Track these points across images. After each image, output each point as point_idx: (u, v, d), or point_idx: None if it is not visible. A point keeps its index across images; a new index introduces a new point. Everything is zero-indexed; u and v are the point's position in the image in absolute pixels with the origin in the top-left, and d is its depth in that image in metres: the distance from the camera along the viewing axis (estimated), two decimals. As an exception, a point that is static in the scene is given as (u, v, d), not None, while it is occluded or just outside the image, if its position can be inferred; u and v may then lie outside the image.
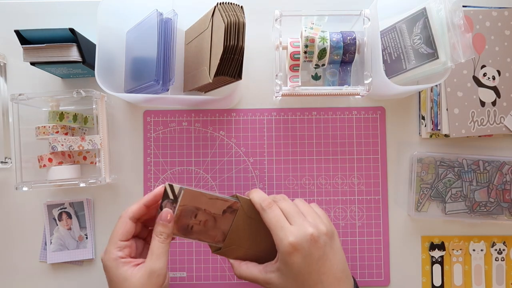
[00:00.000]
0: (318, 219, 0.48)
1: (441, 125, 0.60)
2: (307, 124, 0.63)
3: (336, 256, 0.47)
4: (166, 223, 0.46)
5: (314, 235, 0.46)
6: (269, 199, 0.49)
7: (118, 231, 0.47)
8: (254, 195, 0.50)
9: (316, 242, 0.46)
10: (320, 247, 0.46)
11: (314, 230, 0.46)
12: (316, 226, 0.47)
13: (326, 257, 0.46)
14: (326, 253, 0.46)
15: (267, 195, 0.50)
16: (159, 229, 0.46)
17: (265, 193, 0.51)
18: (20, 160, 0.57)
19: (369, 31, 0.53)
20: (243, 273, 0.50)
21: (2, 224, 0.62)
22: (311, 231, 0.46)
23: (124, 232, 0.47)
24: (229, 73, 0.50)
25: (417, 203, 0.62)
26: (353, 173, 0.63)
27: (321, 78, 0.59)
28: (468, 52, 0.51)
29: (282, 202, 0.49)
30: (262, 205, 0.48)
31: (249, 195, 0.51)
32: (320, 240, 0.46)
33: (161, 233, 0.46)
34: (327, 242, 0.47)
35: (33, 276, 0.62)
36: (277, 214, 0.48)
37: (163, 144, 0.63)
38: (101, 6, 0.54)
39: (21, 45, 0.54)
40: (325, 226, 0.47)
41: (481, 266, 0.63)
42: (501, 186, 0.62)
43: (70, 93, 0.56)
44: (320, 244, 0.46)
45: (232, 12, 0.49)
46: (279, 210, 0.48)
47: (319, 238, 0.46)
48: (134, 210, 0.48)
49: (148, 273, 0.45)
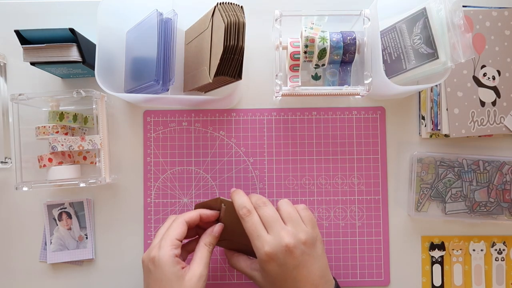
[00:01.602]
0: (299, 226, 0.49)
1: (441, 125, 0.60)
2: (307, 124, 0.63)
3: (314, 263, 0.48)
4: (217, 235, 0.52)
5: (289, 245, 0.46)
6: (247, 206, 0.50)
7: (175, 230, 0.49)
8: (235, 201, 0.51)
9: (292, 253, 0.46)
10: (296, 257, 0.47)
11: (291, 240, 0.47)
12: (294, 235, 0.47)
13: (303, 265, 0.47)
14: (303, 262, 0.47)
15: (247, 200, 0.51)
16: (209, 239, 0.51)
17: (246, 197, 0.51)
18: (20, 160, 0.57)
19: (369, 31, 0.53)
20: (234, 264, 0.54)
21: (2, 224, 0.62)
22: (286, 241, 0.46)
23: (181, 233, 0.49)
24: (229, 73, 0.50)
25: (417, 203, 0.62)
26: (353, 173, 0.63)
27: (321, 78, 0.59)
28: (468, 52, 0.51)
29: (262, 209, 0.50)
30: (239, 213, 0.50)
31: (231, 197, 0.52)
32: (296, 250, 0.47)
33: (210, 243, 0.51)
34: (305, 250, 0.47)
35: (33, 276, 0.62)
36: (255, 222, 0.49)
37: (163, 144, 0.63)
38: (101, 6, 0.54)
39: (21, 45, 0.54)
40: (305, 234, 0.48)
41: (481, 266, 0.63)
42: (501, 186, 0.62)
43: (70, 93, 0.56)
44: (296, 254, 0.47)
45: (232, 12, 0.49)
46: (258, 217, 0.49)
47: (295, 248, 0.47)
48: (192, 216, 0.51)
49: (198, 276, 0.47)
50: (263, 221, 0.49)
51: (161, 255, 0.47)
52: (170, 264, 0.46)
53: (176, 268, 0.47)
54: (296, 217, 0.49)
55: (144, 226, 0.62)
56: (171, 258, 0.47)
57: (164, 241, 0.48)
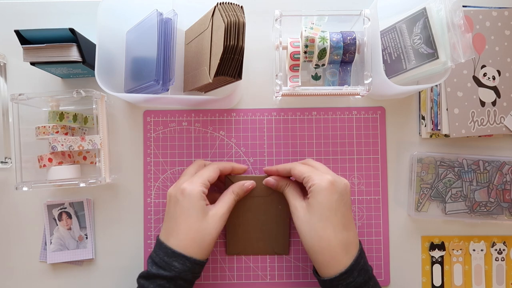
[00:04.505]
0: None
1: (441, 125, 0.60)
2: (307, 124, 0.63)
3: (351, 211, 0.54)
4: (246, 189, 0.58)
5: (347, 184, 0.53)
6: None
7: (209, 172, 0.54)
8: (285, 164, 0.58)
9: (347, 190, 0.53)
10: (348, 195, 0.53)
11: (346, 181, 0.53)
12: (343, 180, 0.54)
13: (349, 206, 0.53)
14: (350, 203, 0.53)
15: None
16: (238, 190, 0.57)
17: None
18: (20, 160, 0.57)
19: (369, 31, 0.53)
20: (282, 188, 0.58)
21: (2, 224, 0.62)
22: (345, 181, 0.53)
23: (213, 176, 0.54)
24: (229, 73, 0.50)
25: (417, 203, 0.62)
26: (353, 173, 0.63)
27: (321, 78, 0.59)
28: (468, 52, 0.51)
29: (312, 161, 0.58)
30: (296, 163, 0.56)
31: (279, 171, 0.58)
32: (348, 190, 0.53)
33: (238, 193, 0.57)
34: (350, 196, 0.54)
35: (33, 276, 0.62)
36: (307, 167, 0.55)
37: (163, 144, 0.63)
38: (101, 6, 0.54)
39: (21, 45, 0.54)
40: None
41: (481, 266, 0.63)
42: (501, 186, 0.62)
43: (70, 93, 0.56)
44: (348, 194, 0.53)
45: (232, 12, 0.49)
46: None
47: (349, 188, 0.53)
48: (225, 166, 0.57)
49: (221, 214, 0.53)
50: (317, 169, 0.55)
51: (192, 188, 0.52)
52: (199, 197, 0.51)
53: (203, 202, 0.52)
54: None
55: (144, 226, 0.62)
56: (200, 193, 0.52)
57: (197, 178, 0.53)
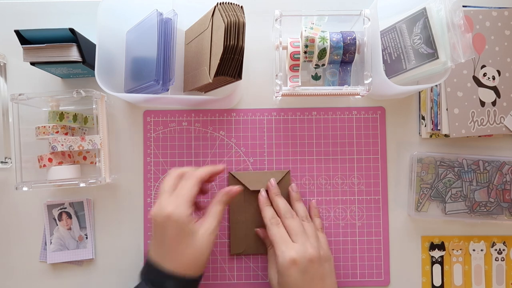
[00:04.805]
0: (319, 244, 0.54)
1: (441, 125, 0.60)
2: (307, 124, 0.63)
3: (328, 279, 0.53)
4: (232, 195, 0.54)
5: (313, 255, 0.51)
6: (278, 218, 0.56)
7: (192, 191, 0.51)
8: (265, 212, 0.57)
9: (313, 263, 0.51)
10: (316, 268, 0.51)
11: (314, 252, 0.52)
12: (317, 249, 0.52)
13: (320, 277, 0.52)
14: (320, 274, 0.52)
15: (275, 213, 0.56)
16: (224, 198, 0.54)
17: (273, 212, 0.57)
18: (20, 160, 0.57)
19: (369, 31, 0.53)
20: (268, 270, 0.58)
21: (2, 224, 0.62)
22: (311, 252, 0.51)
23: (195, 192, 0.52)
24: (229, 73, 0.50)
25: (417, 203, 0.62)
26: (353, 173, 0.63)
27: (321, 78, 0.59)
28: (468, 52, 0.51)
29: (289, 220, 0.55)
30: (271, 221, 0.55)
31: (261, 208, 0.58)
32: (317, 262, 0.51)
33: (225, 202, 0.54)
34: (323, 265, 0.53)
35: (33, 276, 0.62)
36: (282, 231, 0.54)
37: (163, 144, 0.63)
38: (101, 6, 0.54)
39: (21, 45, 0.54)
40: (324, 251, 0.54)
41: (481, 266, 0.63)
42: (501, 186, 0.62)
43: (70, 93, 0.56)
44: (316, 266, 0.51)
45: (232, 12, 0.49)
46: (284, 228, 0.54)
47: (317, 260, 0.52)
48: (202, 175, 0.53)
49: (211, 230, 0.51)
50: (289, 231, 0.54)
51: (179, 213, 0.49)
52: (187, 222, 0.49)
53: (191, 225, 0.50)
54: (316, 235, 0.55)
55: (144, 226, 0.62)
56: (187, 217, 0.50)
57: (181, 198, 0.50)
